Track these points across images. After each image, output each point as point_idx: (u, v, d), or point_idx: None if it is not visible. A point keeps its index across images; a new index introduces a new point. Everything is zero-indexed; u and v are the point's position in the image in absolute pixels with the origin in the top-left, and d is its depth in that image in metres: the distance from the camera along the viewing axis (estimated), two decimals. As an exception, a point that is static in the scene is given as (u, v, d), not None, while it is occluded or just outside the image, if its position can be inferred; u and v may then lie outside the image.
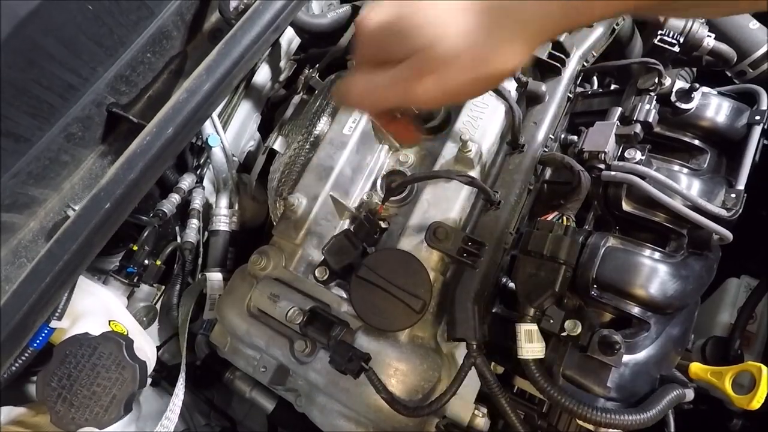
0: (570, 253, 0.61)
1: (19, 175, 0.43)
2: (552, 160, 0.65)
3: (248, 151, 1.14)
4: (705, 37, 0.68)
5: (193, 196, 0.97)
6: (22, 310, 0.42)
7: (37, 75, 0.40)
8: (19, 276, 0.42)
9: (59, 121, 0.42)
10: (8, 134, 0.40)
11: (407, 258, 0.60)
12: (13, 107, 0.40)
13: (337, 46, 0.97)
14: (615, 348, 0.60)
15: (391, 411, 0.57)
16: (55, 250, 0.41)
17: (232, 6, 0.50)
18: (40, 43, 0.39)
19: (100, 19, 0.42)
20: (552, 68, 0.68)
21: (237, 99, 1.05)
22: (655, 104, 0.66)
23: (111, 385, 0.49)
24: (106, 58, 0.45)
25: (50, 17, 0.37)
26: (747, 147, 0.67)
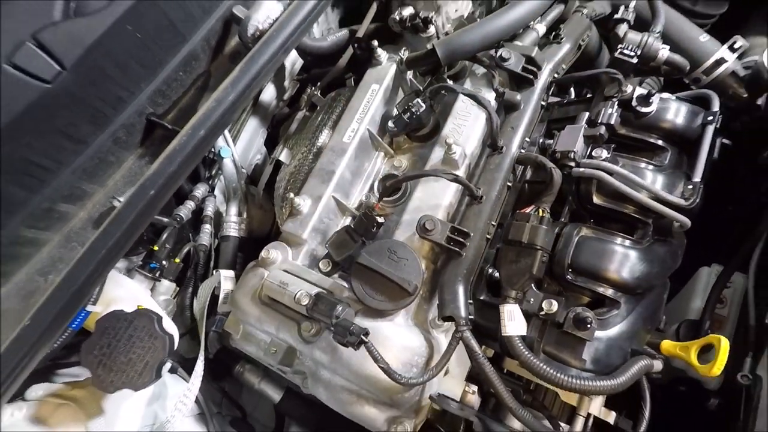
0: (545, 240, 0.69)
1: (76, 172, 0.51)
2: (527, 159, 0.74)
3: (255, 164, 1.22)
4: (660, 49, 0.78)
5: (206, 204, 1.05)
6: (77, 286, 0.50)
7: (97, 91, 0.48)
8: (72, 258, 0.50)
9: (109, 127, 0.51)
10: (71, 138, 0.48)
11: (401, 247, 0.68)
12: (78, 116, 0.49)
13: (337, 67, 1.06)
14: (587, 324, 0.67)
15: (389, 382, 0.64)
16: (105, 234, 0.49)
17: (250, 32, 0.59)
18: (101, 65, 0.47)
19: (146, 45, 0.51)
20: (526, 80, 0.77)
21: (245, 116, 1.14)
22: (617, 108, 0.75)
23: (144, 353, 0.56)
24: (148, 76, 0.54)
25: (109, 45, 0.46)
26: (702, 144, 0.75)
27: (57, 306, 0.50)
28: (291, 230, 0.78)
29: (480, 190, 0.72)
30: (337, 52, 1.05)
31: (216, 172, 1.11)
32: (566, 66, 0.81)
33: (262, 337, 0.75)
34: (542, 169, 0.72)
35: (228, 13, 0.59)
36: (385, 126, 0.84)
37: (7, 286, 0.52)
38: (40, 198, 0.49)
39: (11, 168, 0.45)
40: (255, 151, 1.22)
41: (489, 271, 0.79)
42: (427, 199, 0.74)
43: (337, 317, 0.64)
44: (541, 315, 0.70)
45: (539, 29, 0.83)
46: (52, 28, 0.43)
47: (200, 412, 0.84)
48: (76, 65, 0.44)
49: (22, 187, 0.47)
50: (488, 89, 0.79)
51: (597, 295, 0.72)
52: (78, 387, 0.67)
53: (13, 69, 0.41)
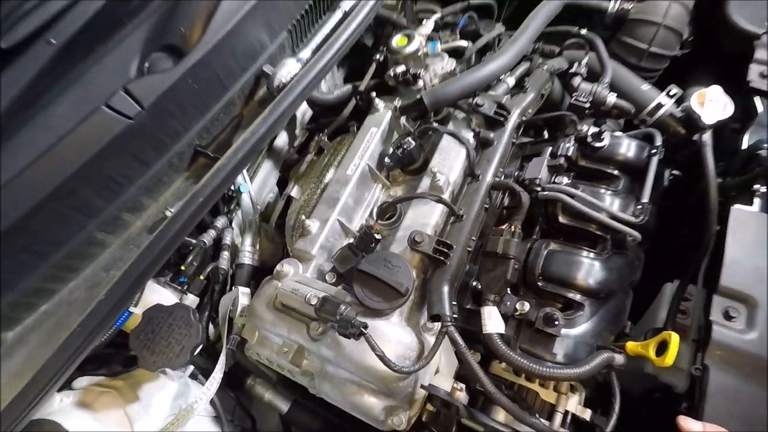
0: (516, 250, 0.82)
1: (140, 188, 0.65)
2: (500, 184, 0.88)
3: (268, 202, 1.37)
4: (607, 96, 0.94)
5: (225, 234, 1.19)
6: (131, 280, 0.63)
7: (163, 126, 0.63)
8: (130, 258, 0.64)
9: (167, 154, 0.66)
10: (140, 161, 0.63)
11: (395, 257, 0.81)
12: (147, 144, 0.64)
13: (342, 115, 1.23)
14: (555, 321, 0.79)
15: (385, 372, 0.74)
16: (157, 238, 0.63)
17: (275, 84, 0.75)
18: (167, 107, 0.63)
19: (199, 93, 0.67)
20: (498, 122, 0.93)
21: (261, 158, 1.30)
22: (574, 144, 0.90)
23: (181, 338, 0.68)
24: (198, 116, 0.69)
25: (175, 92, 0.61)
26: (648, 172, 0.89)
27: (115, 297, 0.63)
28: (302, 247, 0.92)
29: (461, 210, 0.86)
30: (341, 103, 1.23)
31: (233, 207, 1.25)
32: (532, 111, 0.98)
33: (276, 340, 0.86)
34: (513, 192, 0.86)
35: (259, 70, 0.77)
36: (383, 161, 1.00)
37: (77, 280, 0.66)
38: (112, 207, 0.63)
39: (98, 182, 0.59)
40: (268, 190, 1.37)
41: (473, 284, 0.91)
42: (417, 219, 0.88)
43: (341, 314, 0.75)
44: (516, 315, 0.82)
45: (509, 82, 1.01)
46: (137, 80, 0.59)
47: (216, 414, 0.93)
48: (151, 106, 0.60)
49: (101, 197, 0.61)
50: (467, 130, 0.95)
51: (565, 299, 0.84)
52: (118, 379, 0.78)
53: (108, 109, 0.57)
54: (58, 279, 0.64)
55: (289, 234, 1.12)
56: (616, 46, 1.13)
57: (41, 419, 0.68)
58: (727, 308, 0.77)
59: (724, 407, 0.72)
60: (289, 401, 1.01)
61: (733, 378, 0.74)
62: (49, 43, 0.60)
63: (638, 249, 0.90)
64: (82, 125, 0.56)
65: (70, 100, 0.59)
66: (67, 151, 0.56)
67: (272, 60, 0.79)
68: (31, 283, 0.61)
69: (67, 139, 0.55)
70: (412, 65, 1.06)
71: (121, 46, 0.63)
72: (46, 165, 0.55)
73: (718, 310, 0.78)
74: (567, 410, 0.85)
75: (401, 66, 1.06)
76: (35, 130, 0.56)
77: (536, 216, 0.93)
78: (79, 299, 0.64)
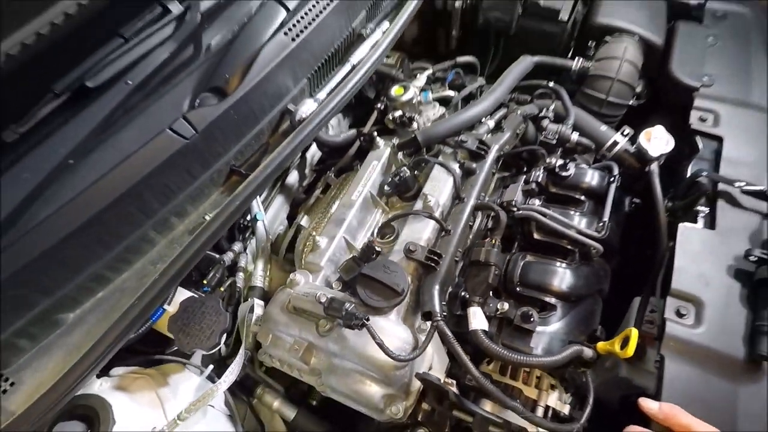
0: (496, 258, 0.96)
1: (186, 197, 0.79)
2: (482, 205, 1.04)
3: (278, 233, 1.51)
4: (571, 134, 1.12)
5: (240, 258, 1.33)
6: (173, 272, 0.76)
7: (209, 147, 0.78)
8: (173, 254, 0.78)
9: (209, 170, 0.81)
10: (189, 173, 0.78)
11: (393, 263, 0.94)
12: (195, 161, 0.79)
13: (347, 155, 1.40)
14: (531, 318, 0.91)
15: (385, 360, 0.85)
16: (196, 239, 0.77)
17: (297, 119, 0.93)
18: (214, 132, 0.79)
19: (237, 123, 0.84)
20: (480, 155, 1.10)
21: (274, 193, 1.46)
22: (543, 172, 1.07)
23: (212, 323, 0.79)
24: (236, 141, 0.85)
25: (221, 121, 0.78)
26: (607, 197, 1.05)
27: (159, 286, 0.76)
28: (311, 260, 1.05)
29: (449, 226, 1.01)
30: (347, 145, 1.40)
31: (248, 236, 1.39)
32: (509, 147, 1.16)
33: (288, 339, 0.97)
34: (492, 210, 1.02)
35: (284, 107, 0.95)
36: (382, 189, 1.16)
37: (129, 271, 0.79)
38: (164, 210, 0.78)
39: (157, 188, 0.74)
40: (278, 223, 1.51)
41: (462, 294, 1.04)
42: (412, 235, 1.02)
43: (346, 310, 0.88)
44: (497, 315, 0.94)
45: (489, 123, 1.19)
46: (193, 111, 0.77)
47: (230, 414, 1.02)
48: (202, 131, 0.77)
49: (157, 201, 0.76)
50: (454, 161, 1.12)
51: (540, 302, 0.97)
52: (150, 369, 0.89)
53: (171, 131, 0.74)
54: (115, 269, 0.77)
55: (298, 258, 1.25)
56: (581, 96, 1.34)
57: (87, 394, 0.79)
58: (678, 307, 0.90)
59: (679, 390, 0.83)
60: (296, 409, 1.10)
61: (686, 365, 0.85)
62: (126, 84, 0.78)
63: (603, 261, 1.04)
64: (151, 142, 0.73)
65: (141, 125, 0.76)
66: (138, 162, 0.72)
67: (294, 100, 0.97)
68: (95, 269, 0.74)
69: (139, 152, 0.71)
70: (407, 111, 1.25)
71: (180, 86, 0.81)
72: (122, 172, 0.71)
73: (671, 309, 0.90)
74: (548, 405, 0.95)
75: (399, 111, 1.25)
76: (115, 146, 0.72)
77: (514, 234, 1.08)
78: (130, 288, 0.78)
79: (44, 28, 0.74)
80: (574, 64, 1.36)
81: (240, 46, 0.86)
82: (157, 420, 0.79)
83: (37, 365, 0.72)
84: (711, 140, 1.14)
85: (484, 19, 1.50)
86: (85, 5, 0.77)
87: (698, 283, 0.92)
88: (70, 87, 0.76)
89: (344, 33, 1.08)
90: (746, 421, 0.79)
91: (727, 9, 1.46)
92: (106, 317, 0.75)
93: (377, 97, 1.45)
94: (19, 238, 0.67)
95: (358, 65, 0.98)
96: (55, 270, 0.70)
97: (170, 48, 0.83)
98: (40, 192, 0.70)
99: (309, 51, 0.97)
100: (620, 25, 1.38)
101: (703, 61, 1.30)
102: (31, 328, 0.72)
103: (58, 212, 0.70)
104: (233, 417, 1.02)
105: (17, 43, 0.72)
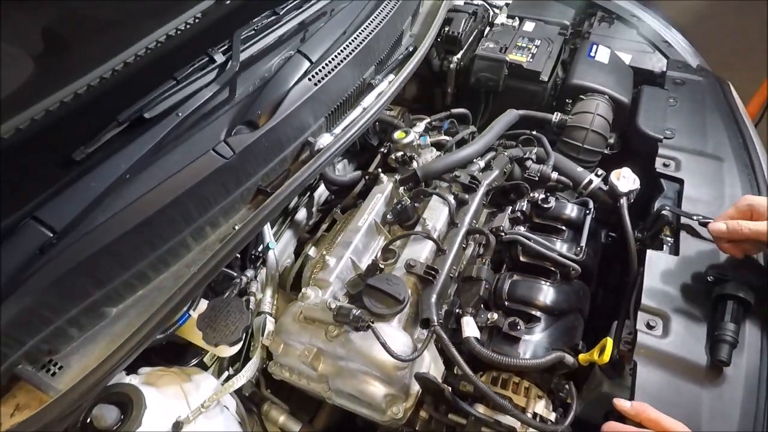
0: (486, 275, 1.08)
1: (219, 209, 0.92)
2: (473, 229, 1.18)
3: (285, 266, 1.62)
4: (551, 173, 1.29)
5: (251, 284, 1.44)
6: (205, 272, 0.88)
7: (242, 167, 0.91)
8: (205, 258, 0.90)
9: (241, 188, 0.95)
10: (225, 189, 0.91)
11: (395, 276, 1.06)
12: (231, 178, 0.91)
13: (353, 193, 1.56)
14: (518, 326, 1.02)
15: (388, 362, 0.95)
16: (225, 245, 0.89)
17: (315, 149, 1.09)
18: (247, 155, 0.94)
19: (267, 149, 0.99)
20: (471, 188, 1.26)
21: (284, 227, 1.59)
22: (527, 204, 1.22)
23: (236, 320, 0.89)
24: (264, 165, 1.00)
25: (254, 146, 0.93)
26: (584, 226, 1.20)
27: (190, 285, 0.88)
28: (321, 276, 1.17)
29: (445, 246, 1.14)
30: (353, 184, 1.55)
31: (258, 266, 1.50)
32: (497, 183, 1.32)
33: (298, 347, 1.07)
34: (483, 234, 1.16)
35: (305, 140, 1.11)
36: (385, 218, 1.30)
37: (166, 273, 0.91)
38: (201, 220, 0.91)
39: (198, 199, 0.88)
40: (286, 257, 1.63)
41: (456, 311, 1.15)
42: (412, 255, 1.15)
43: (354, 314, 0.99)
44: (488, 324, 1.05)
45: (480, 163, 1.36)
46: (232, 137, 0.92)
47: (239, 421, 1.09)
48: (239, 153, 0.92)
49: (197, 211, 0.89)
50: (449, 193, 1.27)
51: (527, 314, 1.08)
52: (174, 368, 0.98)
53: (214, 152, 0.89)
54: (156, 269, 0.89)
55: (306, 283, 1.36)
56: (561, 144, 1.52)
57: (121, 383, 0.87)
58: (648, 321, 1.01)
59: (650, 392, 0.92)
60: (300, 423, 1.17)
61: (656, 371, 0.95)
62: (177, 116, 0.94)
63: (582, 283, 1.17)
64: (197, 160, 0.87)
65: (186, 149, 0.91)
66: (186, 175, 0.86)
67: (314, 134, 1.14)
68: (140, 267, 0.86)
69: (187, 168, 0.86)
70: (408, 151, 1.42)
71: (220, 119, 0.98)
72: (171, 183, 0.85)
73: (642, 322, 1.02)
74: (536, 412, 1.03)
75: (400, 152, 1.42)
76: (164, 164, 0.87)
77: (503, 257, 1.21)
78: (167, 287, 0.89)
79: (117, 67, 0.91)
80: (553, 117, 1.55)
81: (271, 89, 1.04)
82: (182, 409, 0.87)
83: (83, 351, 0.82)
84: (673, 182, 1.31)
85: (475, 78, 1.72)
86: (150, 51, 0.95)
87: (665, 300, 1.04)
88: (130, 117, 0.92)
89: (357, 82, 1.27)
90: (710, 420, 0.88)
91: (685, 77, 1.69)
92: (145, 312, 0.85)
93: (381, 144, 1.63)
94: (84, 236, 0.79)
95: (367, 108, 1.16)
96: (109, 264, 0.81)
97: (213, 89, 1.00)
98: (102, 199, 0.83)
99: (327, 95, 1.15)
100: (592, 86, 1.60)
101: (665, 117, 1.50)
102: (81, 318, 0.82)
103: (115, 216, 0.82)
104: (243, 423, 1.09)
105: (95, 78, 0.88)
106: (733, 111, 1.52)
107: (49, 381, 0.78)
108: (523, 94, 1.68)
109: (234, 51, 1.05)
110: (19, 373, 0.76)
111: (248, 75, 1.08)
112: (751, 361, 0.92)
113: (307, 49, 1.13)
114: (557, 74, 1.74)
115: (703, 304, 1.02)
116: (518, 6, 1.97)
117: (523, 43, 1.72)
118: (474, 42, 1.83)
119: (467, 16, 1.78)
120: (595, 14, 1.99)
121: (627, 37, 1.87)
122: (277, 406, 1.20)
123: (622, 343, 1.08)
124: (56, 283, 0.75)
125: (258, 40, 1.13)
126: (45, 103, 0.91)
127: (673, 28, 1.94)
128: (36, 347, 0.77)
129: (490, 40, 1.74)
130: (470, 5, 1.89)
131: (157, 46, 1.03)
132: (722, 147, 1.38)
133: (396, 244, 1.21)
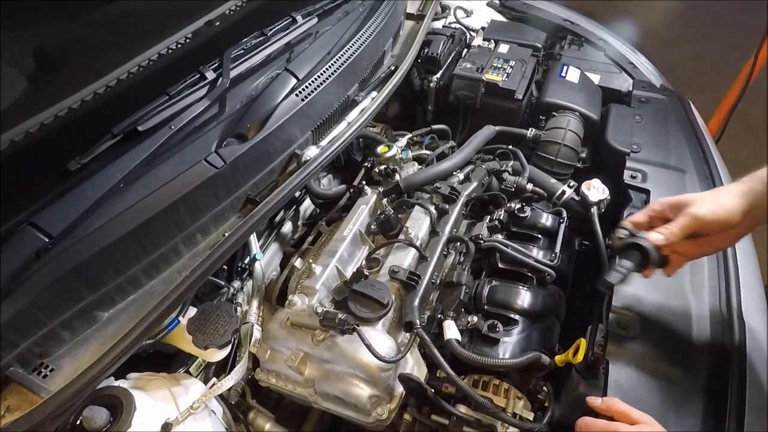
0: (466, 279, 1.13)
1: (210, 217, 0.95)
2: (453, 237, 1.23)
3: (271, 279, 1.65)
4: (526, 185, 1.36)
5: (237, 295, 1.46)
6: (195, 277, 0.92)
7: (233, 177, 0.94)
8: (194, 264, 0.93)
9: (231, 197, 0.99)
10: (216, 198, 0.94)
11: (379, 282, 1.11)
12: (222, 188, 0.94)
13: (337, 206, 1.61)
14: (496, 328, 1.07)
15: (373, 364, 0.98)
16: (215, 251, 0.93)
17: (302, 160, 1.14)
18: (237, 164, 0.98)
19: (256, 159, 1.03)
20: (452, 199, 1.32)
21: (270, 240, 1.63)
22: (504, 213, 1.29)
23: (224, 324, 0.92)
24: (253, 175, 1.03)
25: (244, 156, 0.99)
26: (558, 234, 1.27)
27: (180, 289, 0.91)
28: (307, 284, 1.20)
29: (427, 254, 1.19)
30: (337, 198, 1.61)
31: (245, 277, 1.53)
32: (476, 194, 1.38)
33: (285, 352, 1.10)
34: (462, 241, 1.21)
35: (293, 152, 1.16)
36: (369, 228, 1.35)
37: (157, 278, 0.94)
38: (192, 227, 0.94)
39: (190, 207, 0.91)
40: (272, 269, 1.66)
41: (439, 316, 1.19)
42: (395, 262, 1.19)
43: (339, 318, 1.02)
44: (468, 327, 1.09)
45: (459, 176, 1.43)
46: (223, 148, 0.97)
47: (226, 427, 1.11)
48: (229, 163, 0.96)
49: (189, 218, 0.93)
50: (430, 204, 1.33)
51: (505, 317, 1.13)
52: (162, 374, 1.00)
53: (206, 162, 0.93)
54: (147, 274, 0.92)
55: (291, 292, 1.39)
56: (536, 158, 1.61)
57: (111, 386, 0.89)
58: (618, 320, 1.07)
59: (621, 389, 0.97)
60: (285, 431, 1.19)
61: (625, 366, 1.00)
62: (170, 128, 0.98)
63: (557, 288, 1.23)
64: (189, 169, 0.92)
65: (178, 159, 0.96)
66: (177, 185, 0.90)
67: (301, 146, 1.19)
68: (132, 272, 0.89)
69: (178, 178, 0.90)
70: (391, 164, 1.49)
71: (211, 132, 1.02)
72: (163, 192, 0.89)
73: (614, 322, 1.08)
74: (515, 412, 1.07)
75: (383, 165, 1.48)
76: (158, 174, 0.91)
77: (482, 264, 1.26)
78: (158, 292, 0.92)
79: (110, 83, 0.96)
80: (528, 132, 1.64)
81: (260, 104, 1.09)
82: (171, 412, 0.89)
83: (75, 354, 0.84)
84: (640, 192, 1.39)
85: (454, 96, 1.81)
86: (143, 69, 1.00)
87: (634, 301, 1.10)
88: (124, 129, 0.96)
89: (341, 98, 1.34)
90: (677, 415, 0.93)
91: (649, 96, 1.81)
92: (136, 316, 0.88)
93: (365, 159, 1.69)
94: (79, 241, 0.82)
95: (351, 123, 1.22)
96: (102, 268, 0.84)
97: (205, 104, 1.05)
98: (97, 207, 0.87)
99: (314, 109, 1.21)
100: (564, 104, 1.70)
101: (632, 133, 1.60)
102: (74, 321, 0.84)
103: (110, 222, 0.86)
104: (230, 429, 1.10)
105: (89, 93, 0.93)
106: (694, 127, 1.63)
107: (41, 383, 0.79)
108: (499, 111, 1.77)
109: (224, 68, 1.10)
110: (10, 375, 0.78)
111: (238, 91, 1.13)
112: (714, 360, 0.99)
113: (295, 67, 1.20)
114: (531, 93, 1.84)
115: (669, 304, 1.08)
116: (494, 29, 2.09)
117: (499, 63, 1.82)
118: (452, 63, 1.92)
119: (445, 38, 1.87)
120: (566, 37, 2.12)
121: (595, 59, 1.99)
122: (263, 414, 1.21)
123: (596, 346, 1.14)
124: (51, 286, 0.78)
125: (247, 59, 1.19)
126: (39, 117, 0.95)
127: (637, 51, 2.08)
128: (28, 350, 0.79)
129: (468, 60, 1.84)
130: (448, 28, 1.99)
131: (149, 64, 1.08)
132: (684, 160, 1.48)
133: (380, 253, 1.25)
